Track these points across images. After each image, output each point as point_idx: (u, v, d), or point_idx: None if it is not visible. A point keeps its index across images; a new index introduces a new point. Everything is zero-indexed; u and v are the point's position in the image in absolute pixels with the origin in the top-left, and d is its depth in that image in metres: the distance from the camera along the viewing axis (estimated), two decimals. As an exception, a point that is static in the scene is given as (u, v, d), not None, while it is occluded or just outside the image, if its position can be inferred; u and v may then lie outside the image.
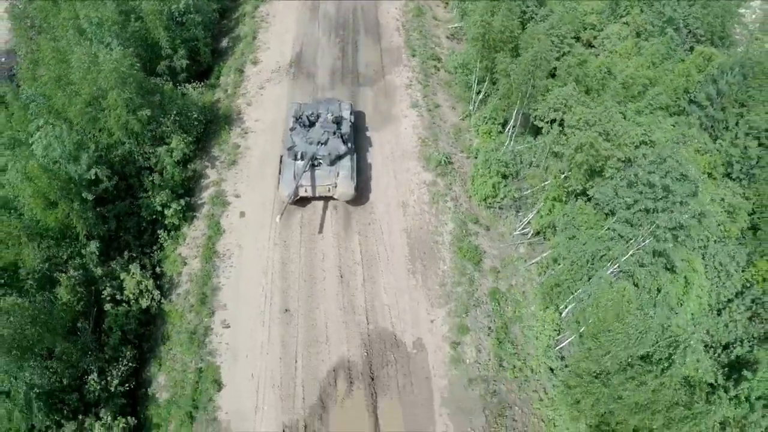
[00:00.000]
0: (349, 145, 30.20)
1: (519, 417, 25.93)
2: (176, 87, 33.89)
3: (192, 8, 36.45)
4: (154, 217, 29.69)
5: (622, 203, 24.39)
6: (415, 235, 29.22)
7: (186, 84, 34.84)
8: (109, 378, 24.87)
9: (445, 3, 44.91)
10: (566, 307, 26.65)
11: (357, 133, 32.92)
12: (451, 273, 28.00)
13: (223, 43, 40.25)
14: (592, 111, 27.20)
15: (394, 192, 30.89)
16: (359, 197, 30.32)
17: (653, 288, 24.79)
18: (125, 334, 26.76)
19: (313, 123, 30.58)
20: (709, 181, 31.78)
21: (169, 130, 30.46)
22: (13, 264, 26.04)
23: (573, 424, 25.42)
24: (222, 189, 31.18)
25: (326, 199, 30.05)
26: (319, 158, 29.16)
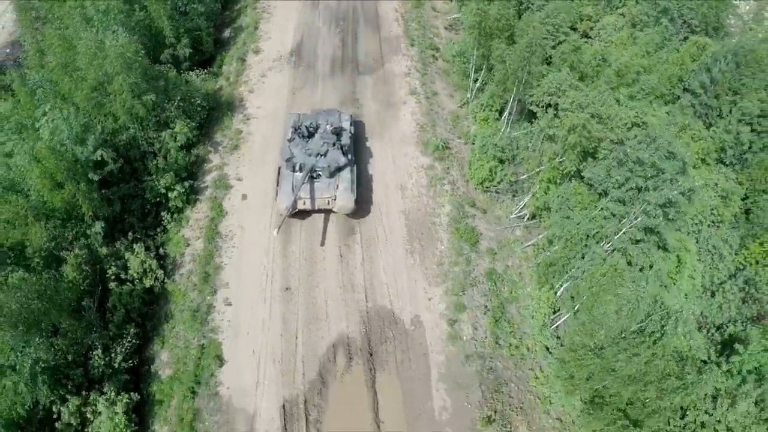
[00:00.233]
0: (349, 156, 29.55)
1: (515, 394, 26.39)
2: (180, 74, 34.58)
3: (195, -2, 37.22)
4: (157, 199, 30.25)
5: (613, 182, 24.95)
6: (413, 217, 29.81)
7: (189, 71, 35.53)
8: (113, 354, 25.26)
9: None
10: (561, 286, 27.17)
11: (357, 143, 32.16)
12: (448, 253, 28.57)
13: (226, 33, 40.98)
14: (585, 94, 27.81)
15: (392, 175, 31.48)
16: (360, 209, 29.65)
17: (646, 265, 25.34)
18: (129, 313, 27.24)
19: (312, 134, 30.03)
20: (703, 166, 32.42)
21: (173, 115, 31.12)
22: (20, 244, 26.50)
23: (568, 399, 25.95)
24: (224, 173, 31.81)
25: (326, 212, 29.57)
26: (319, 170, 28.47)
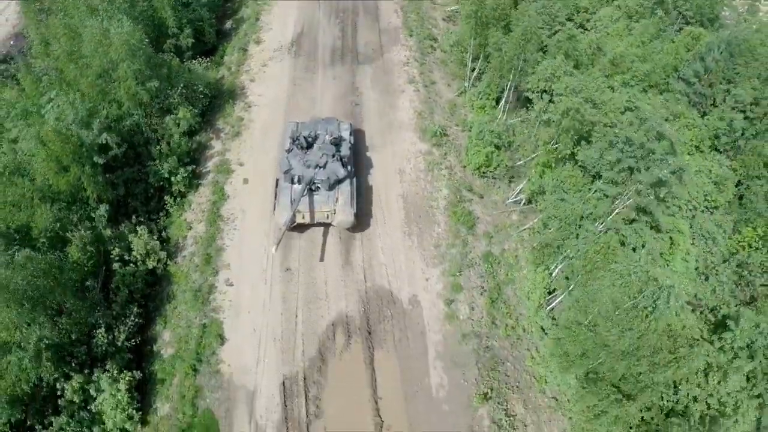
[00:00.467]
0: (349, 168, 28.65)
1: (511, 373, 26.85)
2: (182, 63, 35.19)
3: (197, -11, 37.86)
4: (161, 184, 30.87)
5: (606, 164, 25.49)
6: (411, 200, 30.36)
7: (192, 60, 36.18)
8: (116, 333, 25.66)
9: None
10: (556, 267, 27.66)
11: (356, 155, 31.46)
12: (445, 235, 29.10)
13: (227, 24, 41.68)
14: (579, 79, 28.38)
15: (390, 160, 32.05)
16: (360, 223, 28.85)
17: (638, 245, 25.83)
18: (132, 294, 27.72)
19: (311, 144, 29.12)
20: (697, 153, 32.94)
21: (176, 102, 31.75)
22: (25, 226, 26.97)
23: (563, 378, 26.39)
24: (226, 158, 32.42)
25: (325, 225, 28.83)
26: (318, 182, 27.66)
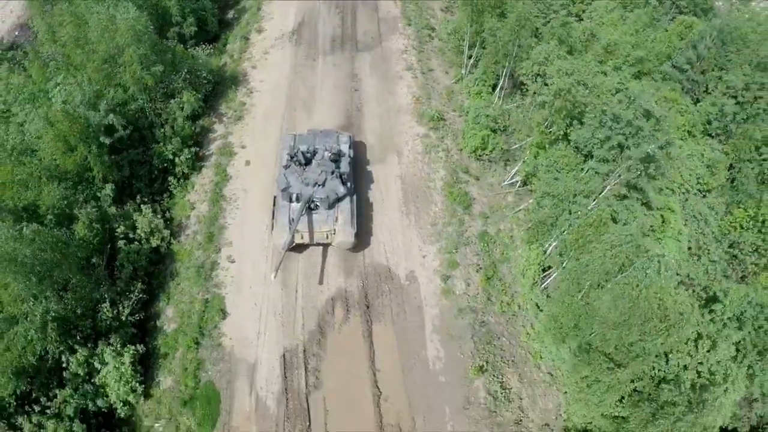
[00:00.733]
0: (349, 185, 27.56)
1: (507, 348, 27.45)
2: (186, 50, 36.08)
3: (200, -20, 38.68)
4: (164, 165, 31.62)
5: (596, 141, 26.20)
6: (408, 181, 31.09)
7: (195, 47, 37.05)
8: (120, 308, 26.32)
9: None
10: (551, 245, 28.29)
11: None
12: (442, 214, 29.80)
13: (229, 14, 42.67)
14: (572, 62, 29.12)
15: (389, 143, 32.82)
16: (360, 242, 27.99)
17: (630, 220, 26.45)
18: (136, 271, 28.38)
19: (309, 160, 28.01)
20: (690, 138, 33.66)
21: (180, 86, 32.57)
22: (33, 204, 27.79)
23: (558, 353, 26.97)
24: (229, 141, 33.20)
25: (324, 245, 27.90)
26: (317, 201, 26.65)
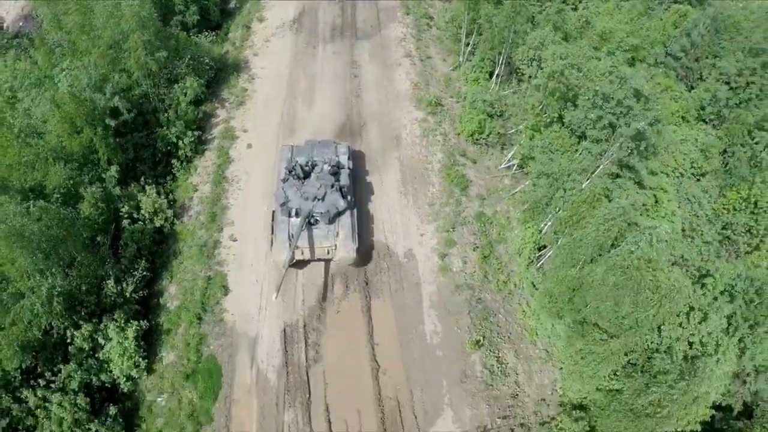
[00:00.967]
0: (349, 198, 27.02)
1: (503, 324, 28.00)
2: (189, 37, 36.83)
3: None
4: (168, 149, 32.30)
5: (589, 122, 26.83)
6: (407, 163, 31.75)
7: (198, 35, 37.81)
8: (124, 285, 26.88)
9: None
10: (546, 224, 28.89)
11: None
12: (439, 195, 30.44)
13: (231, 4, 43.49)
14: (566, 47, 29.77)
15: (387, 127, 33.48)
16: (362, 257, 27.49)
17: (623, 198, 27.04)
18: (140, 250, 29.01)
19: (308, 174, 27.44)
20: (684, 124, 34.30)
21: (183, 72, 33.27)
22: (39, 184, 28.45)
23: (553, 330, 27.52)
24: (231, 125, 33.89)
25: (325, 261, 27.41)
26: (316, 215, 26.07)
